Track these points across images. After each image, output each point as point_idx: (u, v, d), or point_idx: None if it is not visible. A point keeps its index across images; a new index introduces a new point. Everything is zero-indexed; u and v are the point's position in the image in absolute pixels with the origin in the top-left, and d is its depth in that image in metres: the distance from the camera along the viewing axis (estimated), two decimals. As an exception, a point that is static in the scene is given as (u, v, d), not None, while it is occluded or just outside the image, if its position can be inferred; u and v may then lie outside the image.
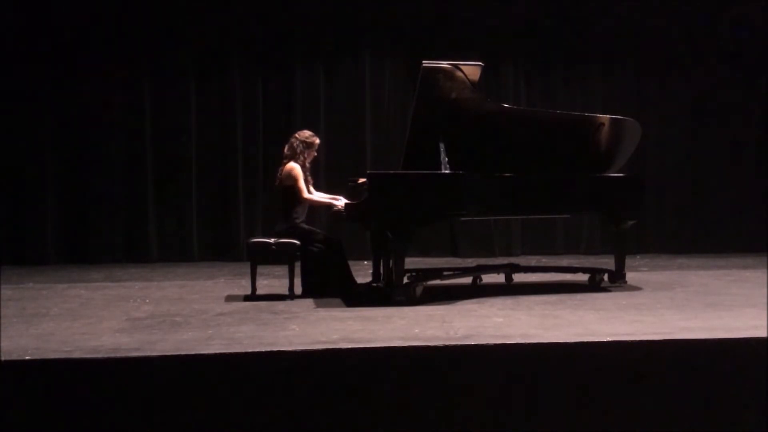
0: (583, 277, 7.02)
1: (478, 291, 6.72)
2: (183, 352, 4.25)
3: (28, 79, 9.10)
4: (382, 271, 6.84)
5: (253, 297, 6.30)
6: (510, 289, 6.80)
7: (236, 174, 9.50)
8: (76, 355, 4.25)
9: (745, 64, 10.05)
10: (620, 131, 6.95)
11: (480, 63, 6.47)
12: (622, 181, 6.91)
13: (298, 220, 6.44)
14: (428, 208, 6.00)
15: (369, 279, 6.96)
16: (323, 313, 5.62)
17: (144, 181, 9.36)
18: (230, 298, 6.38)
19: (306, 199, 6.44)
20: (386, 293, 6.23)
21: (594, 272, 6.97)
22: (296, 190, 6.39)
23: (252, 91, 9.53)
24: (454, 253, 9.71)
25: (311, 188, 6.60)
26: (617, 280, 6.90)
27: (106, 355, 4.22)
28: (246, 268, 6.74)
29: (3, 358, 4.14)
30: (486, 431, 4.23)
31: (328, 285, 6.36)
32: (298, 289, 6.34)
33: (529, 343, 4.44)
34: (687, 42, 9.99)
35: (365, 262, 7.98)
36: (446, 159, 6.21)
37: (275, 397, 4.14)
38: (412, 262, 7.42)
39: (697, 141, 10.14)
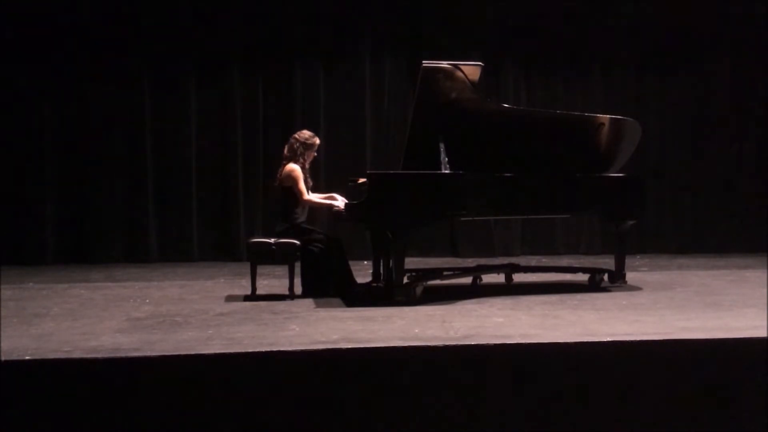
0: (583, 277, 7.01)
1: (478, 291, 6.72)
2: (183, 352, 4.25)
3: (29, 79, 9.10)
4: (382, 271, 6.84)
5: (253, 297, 6.30)
6: (510, 289, 6.79)
7: (236, 174, 9.49)
8: (76, 355, 4.25)
9: (745, 64, 10.05)
10: (620, 131, 6.95)
11: (480, 63, 6.48)
12: (623, 182, 6.91)
13: (298, 221, 6.45)
14: (428, 208, 6.01)
15: (369, 279, 6.95)
16: (323, 313, 5.62)
17: (144, 181, 9.36)
18: (230, 298, 6.38)
19: (306, 201, 6.44)
20: (386, 293, 6.23)
21: (594, 272, 6.97)
22: (297, 192, 6.38)
23: (252, 91, 9.53)
24: (454, 253, 9.71)
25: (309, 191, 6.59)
26: (617, 280, 6.90)
27: (106, 355, 4.22)
28: (246, 268, 6.73)
29: (3, 358, 4.14)
30: (486, 431, 4.23)
31: (328, 285, 6.36)
32: (298, 289, 6.34)
33: (529, 343, 4.44)
34: (687, 42, 9.99)
35: (365, 262, 7.97)
36: (446, 159, 6.22)
37: (275, 397, 4.14)
38: (412, 262, 7.42)
39: (696, 141, 10.15)
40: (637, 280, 7.18)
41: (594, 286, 6.84)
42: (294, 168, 6.41)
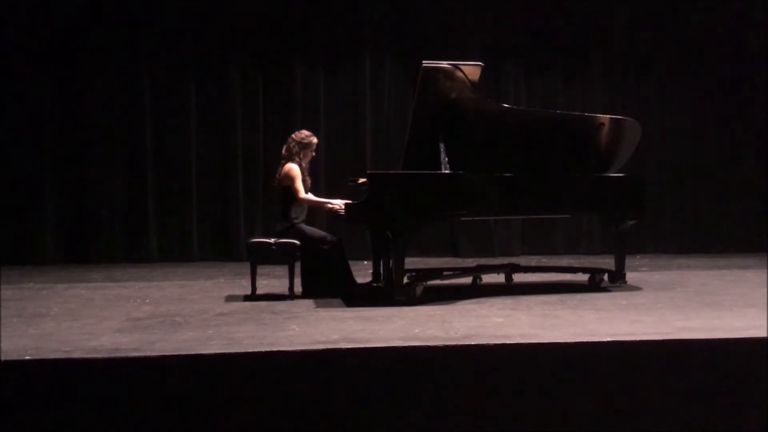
0: (583, 277, 7.02)
1: (478, 291, 6.72)
2: (183, 352, 4.25)
3: (29, 79, 9.10)
4: (382, 271, 6.84)
5: (253, 297, 6.30)
6: (510, 289, 6.79)
7: (236, 174, 9.50)
8: (76, 355, 4.25)
9: (745, 64, 10.05)
10: (620, 131, 6.95)
11: (480, 63, 6.47)
12: (623, 181, 6.90)
13: (297, 220, 6.45)
14: (428, 208, 6.00)
15: (369, 279, 6.96)
16: (323, 313, 5.62)
17: (144, 181, 9.36)
18: (230, 298, 6.38)
19: (302, 200, 6.44)
20: (386, 293, 6.23)
21: (594, 272, 6.97)
22: (294, 190, 6.39)
23: (252, 91, 9.54)
24: (454, 253, 9.72)
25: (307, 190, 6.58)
26: (617, 280, 6.90)
27: (106, 355, 4.22)
28: (246, 268, 6.74)
29: (3, 358, 4.14)
30: (485, 431, 4.23)
31: (328, 285, 6.36)
32: (298, 289, 6.34)
33: (529, 343, 4.44)
34: (687, 42, 9.99)
35: (365, 262, 7.98)
36: (446, 159, 6.22)
37: (275, 397, 4.14)
38: (412, 262, 7.42)
39: (697, 141, 10.15)
40: (637, 280, 7.18)
41: (594, 286, 6.84)
42: (292, 167, 6.42)
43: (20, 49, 9.03)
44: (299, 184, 6.39)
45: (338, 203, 6.43)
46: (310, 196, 6.55)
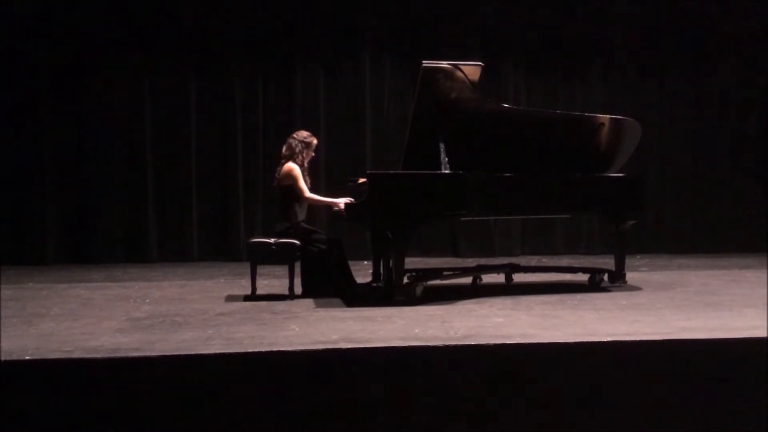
0: (583, 277, 7.02)
1: (478, 291, 6.72)
2: (183, 352, 4.25)
3: (28, 79, 9.10)
4: (382, 271, 6.84)
5: (253, 297, 6.30)
6: (510, 289, 6.79)
7: (236, 174, 9.50)
8: (76, 355, 4.25)
9: (745, 64, 10.05)
10: (620, 131, 6.95)
11: (480, 63, 6.47)
12: (623, 181, 6.91)
13: (297, 220, 6.45)
14: (428, 208, 6.00)
15: (369, 279, 6.96)
16: (323, 313, 5.62)
17: (144, 181, 9.36)
18: (230, 298, 6.38)
19: (307, 198, 6.44)
20: (386, 293, 6.23)
21: (594, 272, 6.97)
22: (297, 190, 6.39)
23: (252, 91, 9.54)
24: (454, 253, 9.72)
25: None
26: (617, 280, 6.90)
27: (106, 355, 4.22)
28: (246, 268, 6.74)
29: (3, 358, 4.14)
30: (485, 431, 4.23)
31: (328, 285, 6.36)
32: (298, 289, 6.34)
33: (529, 343, 4.44)
34: (687, 42, 9.99)
35: (365, 262, 7.98)
36: (446, 159, 6.22)
37: (275, 397, 4.14)
38: (412, 262, 7.42)
39: (697, 141, 10.15)
40: (637, 280, 7.18)
41: (594, 286, 6.84)
42: (293, 167, 6.42)
43: (21, 50, 9.02)
44: (302, 184, 6.40)
45: (340, 203, 6.43)
46: (315, 196, 6.55)
